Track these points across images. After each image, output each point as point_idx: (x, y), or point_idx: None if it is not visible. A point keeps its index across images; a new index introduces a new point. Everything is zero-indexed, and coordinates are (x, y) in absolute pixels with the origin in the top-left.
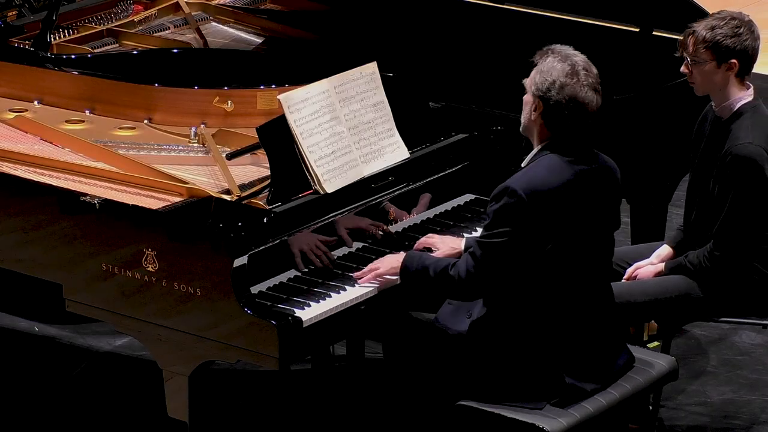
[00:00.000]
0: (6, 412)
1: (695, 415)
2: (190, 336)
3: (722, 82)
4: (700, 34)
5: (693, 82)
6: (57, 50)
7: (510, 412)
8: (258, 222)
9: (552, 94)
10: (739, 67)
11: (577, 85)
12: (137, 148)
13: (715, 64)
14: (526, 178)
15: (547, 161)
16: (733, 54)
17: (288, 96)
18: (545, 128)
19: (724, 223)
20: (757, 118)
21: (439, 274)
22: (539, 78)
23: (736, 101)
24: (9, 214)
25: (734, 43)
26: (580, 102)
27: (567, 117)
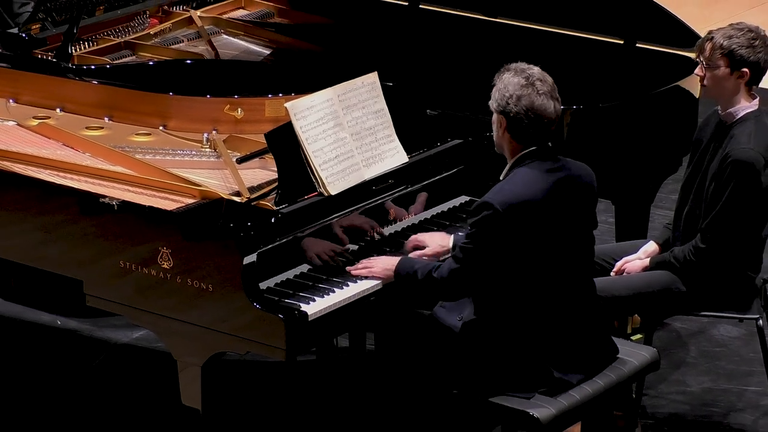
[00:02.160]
0: (30, 399)
1: (676, 403)
2: (202, 329)
3: (732, 88)
4: (718, 41)
5: (705, 84)
6: (78, 61)
7: (502, 400)
8: (266, 222)
9: (511, 107)
10: (749, 77)
11: (533, 95)
12: (153, 152)
13: (729, 71)
14: (502, 192)
15: (522, 174)
16: (746, 64)
17: (294, 104)
18: (514, 142)
19: (714, 219)
20: (759, 126)
21: (426, 276)
22: (498, 95)
23: (741, 108)
24: (33, 215)
25: (748, 53)
26: (537, 110)
27: (528, 126)
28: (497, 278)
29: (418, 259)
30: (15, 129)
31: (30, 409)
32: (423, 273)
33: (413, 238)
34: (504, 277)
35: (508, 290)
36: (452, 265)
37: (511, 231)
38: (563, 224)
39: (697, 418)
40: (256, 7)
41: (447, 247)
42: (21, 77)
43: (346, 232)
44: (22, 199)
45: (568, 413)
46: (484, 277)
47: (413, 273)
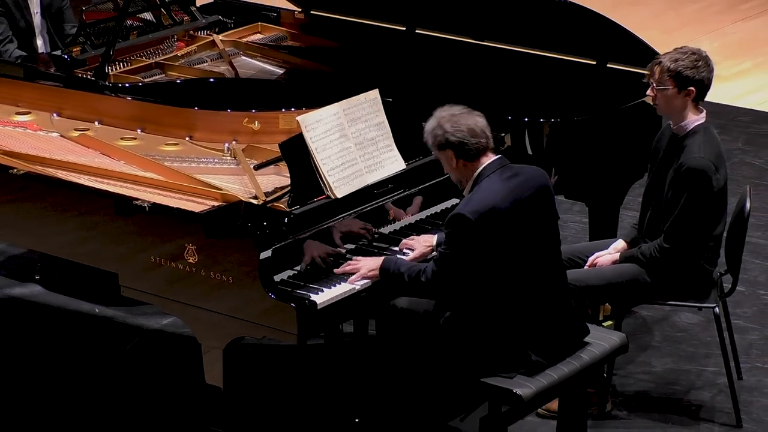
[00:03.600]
0: (72, 378)
1: (642, 381)
2: (223, 316)
3: (681, 105)
4: (666, 65)
5: (656, 104)
6: (114, 80)
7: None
8: (280, 222)
9: (450, 137)
10: (695, 94)
11: (458, 119)
12: (180, 160)
13: (676, 90)
14: (470, 203)
15: (485, 186)
16: (692, 83)
17: (305, 117)
18: (468, 164)
19: (674, 221)
20: (707, 137)
21: (414, 278)
22: (432, 139)
23: (691, 122)
24: (74, 215)
25: (693, 73)
26: (471, 127)
27: (471, 141)
28: (476, 277)
29: (403, 261)
30: (58, 139)
31: (72, 386)
32: (410, 275)
33: (404, 242)
34: (481, 275)
35: (487, 286)
36: (434, 268)
37: (484, 235)
38: (527, 222)
39: (661, 395)
40: (271, 32)
41: (432, 246)
42: (64, 94)
43: (348, 233)
44: (64, 202)
45: (546, 391)
46: (463, 277)
47: (399, 274)
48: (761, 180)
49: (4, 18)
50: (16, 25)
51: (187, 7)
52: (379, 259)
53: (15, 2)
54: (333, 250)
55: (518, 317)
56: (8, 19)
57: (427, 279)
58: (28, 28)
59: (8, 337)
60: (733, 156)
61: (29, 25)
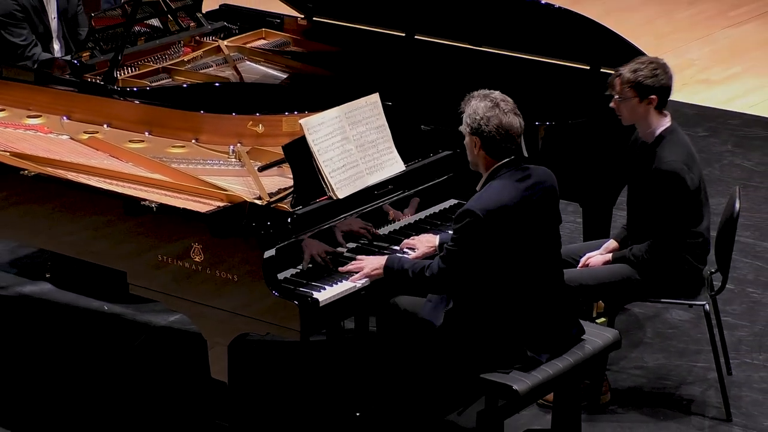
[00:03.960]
0: (80, 374)
1: (634, 376)
2: (228, 313)
3: (644, 113)
4: (625, 76)
5: (620, 114)
6: (122, 84)
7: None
8: (284, 222)
9: (483, 128)
10: (657, 101)
11: (500, 114)
12: (186, 162)
13: (638, 99)
14: (481, 200)
15: (497, 184)
16: (653, 91)
17: (307, 120)
18: (488, 157)
19: (659, 225)
20: (675, 140)
21: (417, 274)
22: (469, 119)
23: (657, 128)
24: (84, 215)
25: (653, 82)
26: (506, 127)
27: (500, 142)
28: (478, 274)
29: (406, 258)
30: (68, 142)
31: (81, 380)
32: (414, 271)
33: (405, 242)
34: (484, 272)
35: (488, 283)
36: (440, 264)
37: (491, 233)
38: (533, 223)
39: (653, 390)
40: (274, 37)
41: (434, 246)
42: (73, 97)
43: (349, 232)
44: (73, 202)
45: (542, 386)
46: (467, 273)
47: (404, 271)
48: (750, 181)
49: (25, 23)
50: (35, 29)
51: (193, 13)
52: (383, 258)
53: (34, 8)
54: (334, 250)
55: (516, 314)
56: (29, 24)
57: (432, 274)
58: (46, 33)
59: (20, 333)
60: (723, 158)
61: (47, 30)
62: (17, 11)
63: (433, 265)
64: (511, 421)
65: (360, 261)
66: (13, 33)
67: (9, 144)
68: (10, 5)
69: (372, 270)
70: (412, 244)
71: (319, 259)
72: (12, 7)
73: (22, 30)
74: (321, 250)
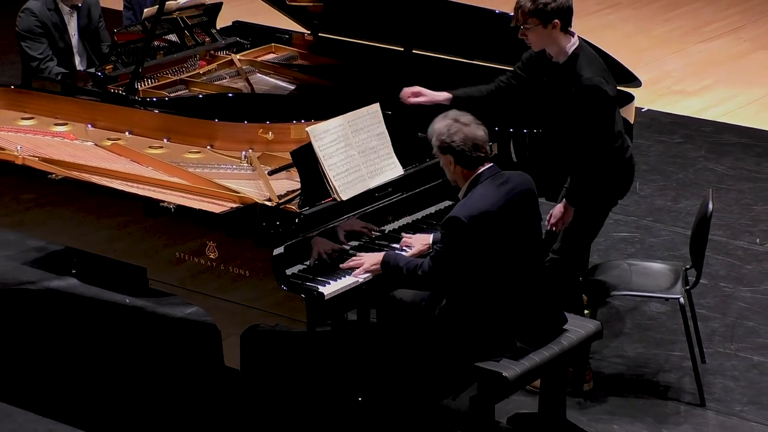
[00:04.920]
0: (105, 361)
1: (615, 365)
2: (241, 306)
3: (552, 37)
4: (525, 6)
5: (530, 43)
6: (142, 94)
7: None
8: (291, 221)
9: (451, 144)
10: (561, 24)
11: (463, 127)
12: (202, 166)
13: (542, 26)
14: (465, 207)
15: (478, 191)
16: (554, 15)
17: (314, 128)
18: (465, 170)
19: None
20: (587, 57)
21: (411, 271)
22: (437, 141)
23: (568, 48)
24: (107, 216)
25: (553, 7)
26: (471, 138)
27: (471, 152)
28: (467, 272)
29: (402, 256)
30: (93, 148)
31: (105, 368)
32: (408, 269)
33: (404, 240)
34: (472, 270)
35: (477, 280)
36: (430, 264)
37: (475, 236)
38: (515, 224)
39: (632, 377)
40: (283, 52)
41: (428, 244)
42: (97, 107)
43: (352, 231)
44: (97, 204)
45: (530, 373)
46: (456, 272)
47: (399, 268)
48: (722, 184)
49: (44, 38)
50: (56, 45)
51: (208, 29)
52: (380, 254)
53: (54, 25)
54: (338, 247)
55: (504, 307)
56: (48, 40)
57: (423, 273)
58: (67, 48)
59: (48, 324)
60: (697, 163)
61: (68, 46)
62: (37, 27)
63: (424, 264)
64: (501, 406)
65: (360, 258)
66: (32, 47)
67: (37, 150)
68: (31, 21)
69: (371, 266)
70: (409, 243)
71: (325, 256)
72: (33, 23)
73: (40, 45)
74: (326, 248)
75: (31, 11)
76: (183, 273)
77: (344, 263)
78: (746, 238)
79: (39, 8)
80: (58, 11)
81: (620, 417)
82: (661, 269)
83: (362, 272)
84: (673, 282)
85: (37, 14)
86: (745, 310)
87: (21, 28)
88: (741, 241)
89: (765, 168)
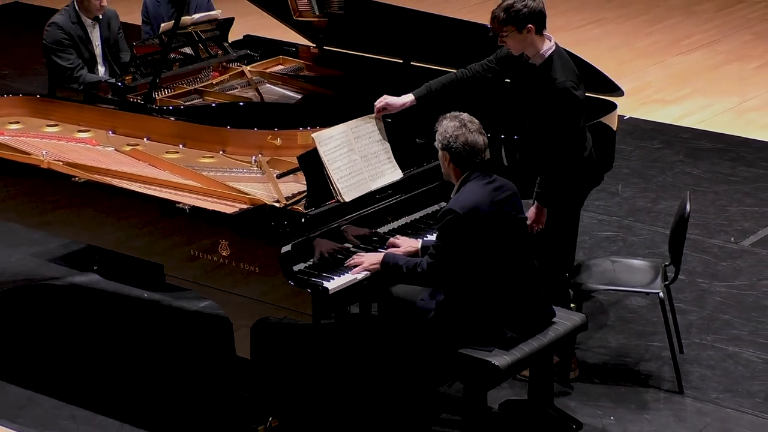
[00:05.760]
0: (125, 350)
1: (599, 354)
2: (251, 300)
3: (528, 42)
4: (500, 15)
5: (509, 48)
6: (159, 103)
7: (470, 353)
8: (298, 221)
9: (451, 144)
10: (535, 27)
11: (467, 133)
12: (215, 170)
13: (518, 31)
14: (458, 201)
15: (470, 188)
16: (527, 19)
17: (319, 134)
18: (457, 170)
19: (559, 142)
20: (561, 61)
21: (410, 269)
22: (441, 137)
23: (544, 51)
24: (126, 216)
25: (524, 13)
26: (471, 144)
27: (466, 157)
28: (463, 267)
29: (400, 256)
30: (113, 153)
31: (124, 357)
32: (408, 267)
33: (390, 241)
34: (466, 264)
35: (470, 275)
36: (429, 260)
37: (469, 227)
38: (503, 221)
39: (615, 366)
40: (290, 64)
41: (415, 248)
42: (118, 115)
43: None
44: (118, 205)
45: (519, 362)
46: (453, 267)
47: (398, 267)
48: (698, 187)
49: (72, 49)
50: (81, 56)
51: (220, 42)
52: (380, 255)
53: (79, 37)
54: (342, 246)
55: (496, 301)
56: (75, 50)
57: (422, 270)
58: (91, 58)
59: (71, 317)
60: (675, 167)
61: (92, 55)
62: (65, 39)
63: (422, 262)
64: (492, 393)
65: (360, 256)
66: (62, 57)
67: (62, 155)
68: (59, 34)
69: (370, 265)
70: (396, 243)
71: (329, 253)
72: (60, 35)
73: (69, 55)
74: (330, 246)
75: (57, 25)
76: (197, 269)
77: (346, 262)
78: (721, 236)
79: (64, 21)
80: (81, 24)
81: (604, 403)
82: (642, 266)
83: (361, 270)
84: (653, 278)
85: (63, 27)
86: (721, 304)
87: (49, 41)
88: (716, 240)
89: (739, 172)
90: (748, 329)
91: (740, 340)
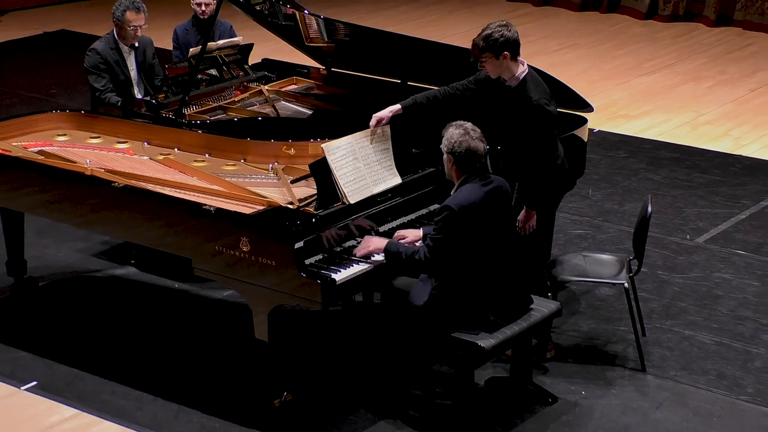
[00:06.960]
0: (157, 334)
1: (572, 337)
2: (268, 290)
3: (504, 66)
4: (479, 44)
5: (488, 72)
6: (188, 118)
7: (458, 335)
8: (309, 221)
9: (456, 149)
10: (510, 54)
11: (470, 140)
12: (237, 176)
13: (495, 58)
14: (456, 198)
15: (467, 188)
16: (503, 47)
17: (328, 145)
18: (459, 171)
19: (536, 153)
20: (534, 82)
21: (409, 256)
22: (447, 142)
23: (519, 74)
24: (158, 216)
25: (500, 42)
26: (473, 150)
27: (468, 160)
28: (455, 257)
29: (402, 244)
30: (148, 161)
31: (158, 340)
32: (407, 254)
33: (397, 233)
34: (459, 255)
35: (461, 265)
36: (427, 249)
37: (463, 223)
38: (494, 217)
39: (586, 348)
40: (302, 83)
41: (420, 236)
42: (152, 128)
43: (359, 229)
44: (152, 206)
45: (503, 343)
46: (446, 256)
47: (398, 253)
48: (658, 191)
49: (106, 74)
50: (117, 78)
51: (242, 65)
52: (384, 241)
53: (116, 62)
54: (348, 242)
55: (482, 289)
56: (110, 75)
57: (420, 258)
58: (127, 81)
59: (111, 305)
60: (639, 173)
61: (128, 79)
62: (101, 63)
63: (420, 250)
64: (479, 371)
65: (368, 240)
66: (96, 80)
67: (103, 163)
68: (96, 59)
69: (375, 248)
70: (403, 234)
71: (336, 249)
72: (98, 60)
73: (102, 79)
74: (338, 243)
75: (96, 51)
76: (221, 263)
77: (356, 249)
78: (678, 234)
79: (102, 48)
80: (119, 50)
81: (576, 380)
82: (610, 260)
83: (365, 251)
84: (619, 270)
85: (101, 53)
86: (678, 293)
87: (88, 64)
88: (674, 237)
89: (693, 178)
90: (702, 315)
91: (695, 325)
